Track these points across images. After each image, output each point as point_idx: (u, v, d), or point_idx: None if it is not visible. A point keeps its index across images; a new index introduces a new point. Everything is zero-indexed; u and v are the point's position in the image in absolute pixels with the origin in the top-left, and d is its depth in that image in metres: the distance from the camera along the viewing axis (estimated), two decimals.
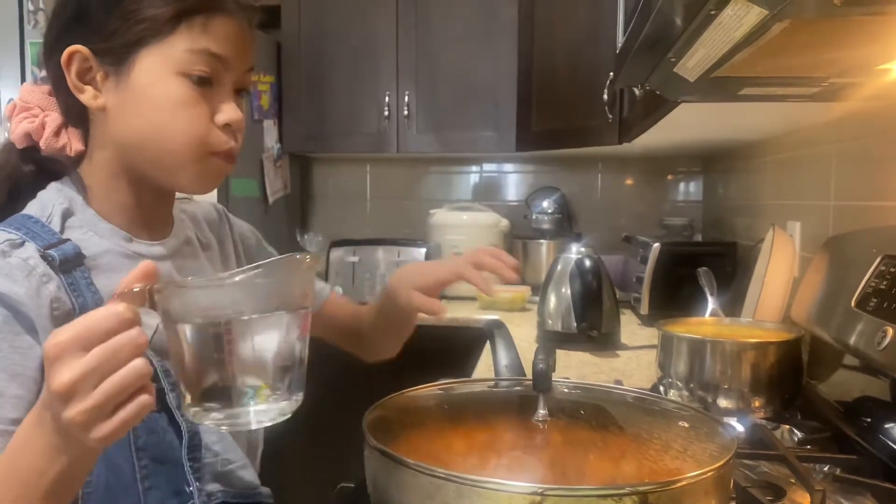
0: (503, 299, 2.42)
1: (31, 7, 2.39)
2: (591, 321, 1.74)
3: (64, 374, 0.52)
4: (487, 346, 1.69)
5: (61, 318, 0.73)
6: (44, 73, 0.83)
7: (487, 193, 3.07)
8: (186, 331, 0.58)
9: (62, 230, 0.78)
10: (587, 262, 1.78)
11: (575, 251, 1.86)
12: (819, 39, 0.78)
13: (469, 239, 2.69)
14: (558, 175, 3.00)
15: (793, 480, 0.86)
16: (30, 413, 0.60)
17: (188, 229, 0.94)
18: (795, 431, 1.06)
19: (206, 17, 0.77)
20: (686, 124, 1.62)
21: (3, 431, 0.68)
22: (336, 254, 2.80)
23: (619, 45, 1.17)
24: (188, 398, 0.60)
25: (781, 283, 1.38)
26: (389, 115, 2.68)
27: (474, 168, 3.10)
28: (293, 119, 2.77)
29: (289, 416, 0.63)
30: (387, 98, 2.68)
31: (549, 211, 2.83)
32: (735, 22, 0.72)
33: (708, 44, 0.82)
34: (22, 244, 0.75)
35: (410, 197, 3.12)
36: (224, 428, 0.64)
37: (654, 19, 0.82)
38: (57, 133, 0.81)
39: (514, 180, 3.07)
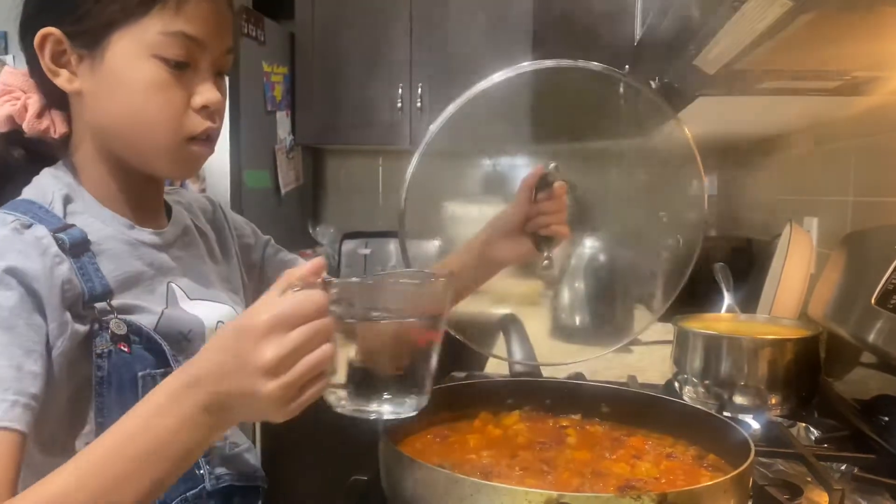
0: (516, 293, 2.42)
1: None
2: (605, 315, 1.73)
3: (269, 351, 0.55)
4: (501, 339, 1.69)
5: (70, 300, 0.73)
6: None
7: (501, 186, 3.05)
8: (343, 324, 0.61)
9: (64, 216, 0.78)
10: (601, 258, 1.77)
11: (589, 245, 1.85)
12: (843, 32, 0.77)
13: None
14: (572, 169, 2.98)
15: (809, 479, 0.85)
16: (161, 388, 0.60)
17: (186, 218, 0.93)
18: (812, 429, 1.05)
19: None
20: (703, 118, 1.60)
21: (26, 405, 0.67)
22: (348, 246, 2.80)
23: (637, 37, 1.16)
24: (332, 380, 0.63)
25: (798, 279, 1.37)
26: (402, 108, 2.68)
27: (487, 161, 3.08)
28: (306, 111, 2.76)
29: (415, 413, 0.67)
30: (400, 90, 2.67)
31: None
32: (758, 14, 0.71)
33: (729, 36, 0.81)
34: (31, 226, 0.74)
35: (423, 189, 3.11)
36: (356, 415, 0.66)
37: (674, 12, 0.81)
38: (39, 115, 0.80)
39: (527, 173, 3.06)
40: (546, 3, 2.52)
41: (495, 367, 1.53)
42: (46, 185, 0.79)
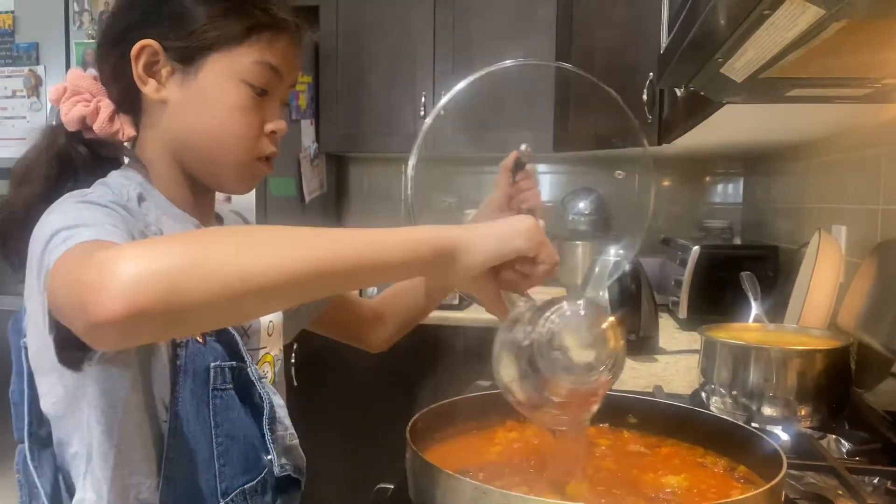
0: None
1: (76, 8, 2.43)
2: (630, 325, 1.72)
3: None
4: None
5: None
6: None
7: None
8: None
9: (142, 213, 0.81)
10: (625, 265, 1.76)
11: (613, 253, 1.84)
12: (876, 39, 0.76)
13: None
14: (595, 176, 2.97)
15: (840, 492, 0.84)
16: (420, 231, 0.66)
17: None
18: (843, 442, 1.04)
19: (273, 33, 0.83)
20: (730, 126, 1.58)
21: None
22: None
23: (664, 45, 1.15)
24: None
25: (827, 288, 1.35)
26: (425, 115, 2.68)
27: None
28: (330, 119, 2.78)
29: None
30: (423, 98, 2.68)
31: (586, 212, 2.80)
32: (789, 22, 0.70)
33: (758, 45, 0.80)
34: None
35: (446, 197, 3.12)
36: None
37: (703, 20, 0.80)
38: (111, 118, 0.84)
39: (549, 181, 3.05)
40: (569, 11, 2.52)
41: None
42: (121, 185, 0.81)
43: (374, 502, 0.85)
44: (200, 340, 0.78)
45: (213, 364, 0.79)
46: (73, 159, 0.83)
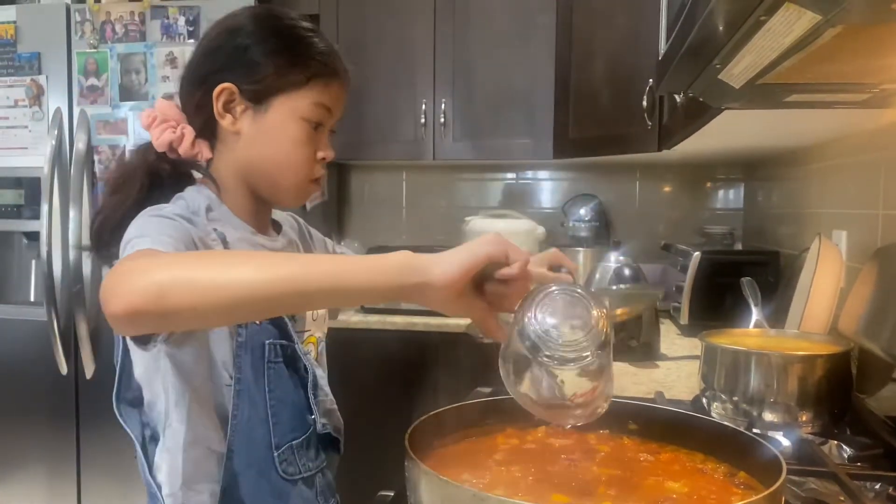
0: None
1: (78, 18, 2.44)
2: (631, 331, 1.72)
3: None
4: None
5: None
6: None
7: (524, 201, 3.06)
8: None
9: (207, 221, 0.97)
10: (626, 271, 1.76)
11: (614, 260, 1.84)
12: (872, 44, 0.76)
13: None
14: (595, 182, 2.97)
15: (842, 498, 0.83)
16: (390, 255, 0.72)
17: (290, 233, 1.14)
18: (844, 447, 1.04)
19: (327, 79, 1.00)
20: (729, 131, 1.59)
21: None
22: None
23: (662, 52, 1.16)
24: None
25: (828, 293, 1.35)
26: (426, 123, 2.69)
27: (510, 175, 3.09)
28: None
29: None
30: (423, 106, 2.68)
31: (587, 219, 2.80)
32: (785, 28, 0.70)
33: (756, 50, 0.81)
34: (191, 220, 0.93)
35: (446, 204, 3.12)
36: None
37: (700, 26, 0.80)
38: (193, 143, 1.00)
39: (550, 187, 3.05)
40: (569, 18, 2.52)
41: None
42: (193, 198, 0.99)
43: None
44: (258, 322, 0.94)
45: (267, 341, 0.95)
46: (160, 174, 0.99)
